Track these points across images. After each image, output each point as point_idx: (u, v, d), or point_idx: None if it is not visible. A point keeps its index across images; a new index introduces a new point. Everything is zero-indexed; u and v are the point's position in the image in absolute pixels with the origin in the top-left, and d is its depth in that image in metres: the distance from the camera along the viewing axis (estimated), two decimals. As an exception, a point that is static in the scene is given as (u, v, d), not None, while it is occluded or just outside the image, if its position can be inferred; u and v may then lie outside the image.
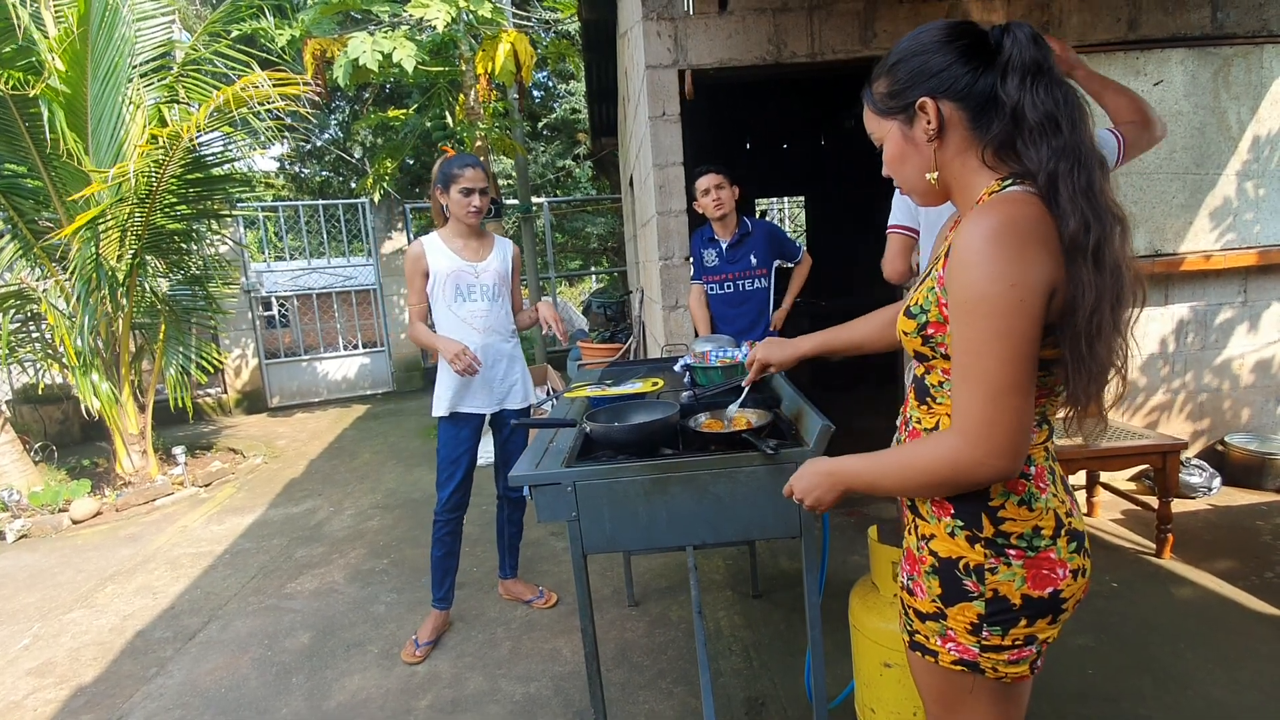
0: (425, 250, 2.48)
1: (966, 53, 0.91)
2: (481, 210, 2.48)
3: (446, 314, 2.51)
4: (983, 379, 0.85)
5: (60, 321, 4.60)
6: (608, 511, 1.43)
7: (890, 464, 0.98)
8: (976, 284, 0.84)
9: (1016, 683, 0.99)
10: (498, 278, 2.55)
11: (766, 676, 2.21)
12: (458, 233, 2.53)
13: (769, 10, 3.11)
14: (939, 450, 0.90)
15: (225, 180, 5.24)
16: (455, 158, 2.46)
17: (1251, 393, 3.48)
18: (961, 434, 0.88)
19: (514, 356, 2.64)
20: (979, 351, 0.85)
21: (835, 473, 1.05)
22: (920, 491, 0.97)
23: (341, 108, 11.60)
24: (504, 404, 2.61)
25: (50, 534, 4.23)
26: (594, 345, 5.89)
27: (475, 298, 2.52)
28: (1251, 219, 3.35)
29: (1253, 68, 3.25)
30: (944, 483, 0.92)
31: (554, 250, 9.23)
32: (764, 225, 3.13)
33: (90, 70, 4.24)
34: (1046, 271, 0.84)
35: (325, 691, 2.37)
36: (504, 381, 2.60)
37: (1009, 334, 0.83)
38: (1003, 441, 0.85)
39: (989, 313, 0.83)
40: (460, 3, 5.41)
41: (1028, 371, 0.85)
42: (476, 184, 2.43)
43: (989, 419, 0.85)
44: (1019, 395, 0.85)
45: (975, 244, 0.84)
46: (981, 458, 0.86)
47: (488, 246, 2.58)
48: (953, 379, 0.90)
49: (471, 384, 2.51)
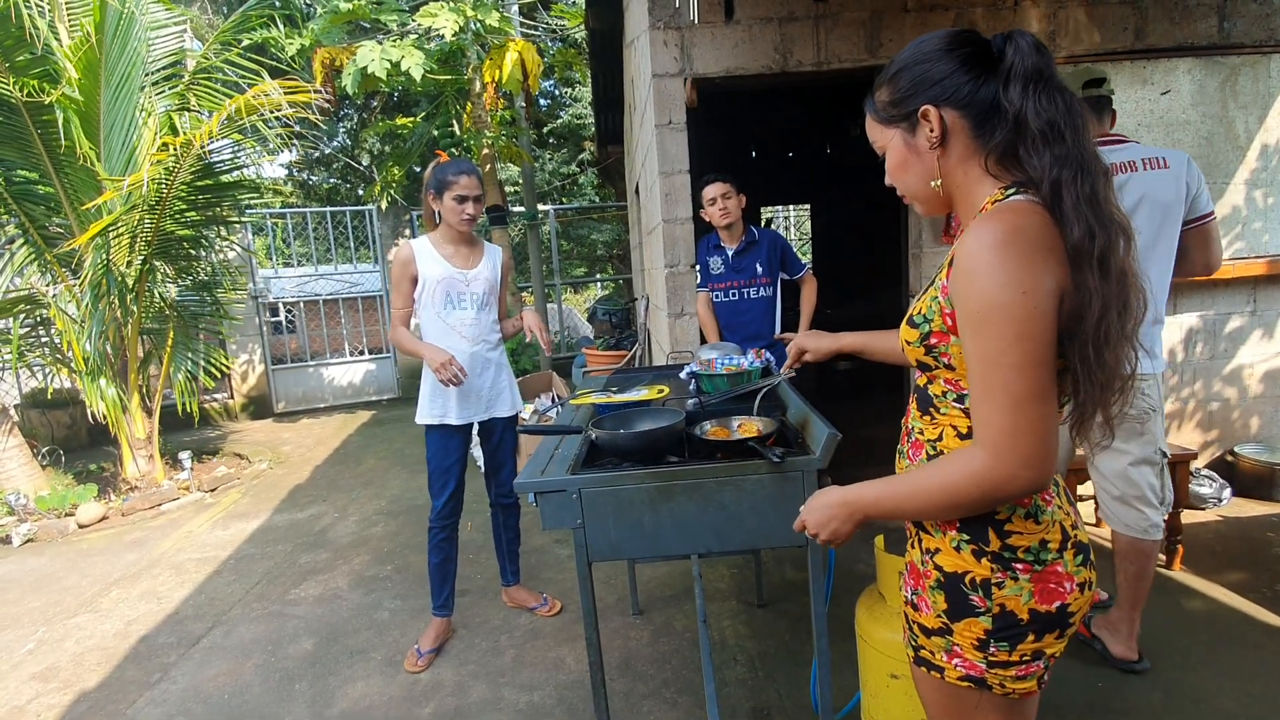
0: (415, 255, 2.45)
1: (968, 61, 0.91)
2: (475, 218, 2.45)
3: (435, 321, 2.48)
4: (1004, 389, 0.83)
5: (69, 326, 4.63)
6: (613, 519, 1.43)
7: (912, 488, 0.93)
8: (987, 292, 0.82)
9: (1024, 698, 0.97)
10: (487, 286, 2.53)
11: (772, 687, 2.20)
12: (449, 239, 2.50)
13: (775, 19, 3.12)
14: (965, 468, 0.87)
15: (234, 187, 5.27)
16: (451, 163, 2.43)
17: (1261, 403, 3.46)
18: (988, 448, 0.85)
19: (501, 364, 2.63)
20: (996, 362, 0.83)
21: (850, 502, 1.01)
22: (949, 513, 0.94)
23: (350, 116, 11.69)
24: (492, 412, 2.60)
25: (56, 538, 4.24)
26: (599, 352, 5.90)
27: (465, 305, 2.49)
28: (1260, 228, 3.33)
29: (1260, 77, 3.24)
30: (973, 501, 0.88)
31: (559, 257, 9.26)
32: (770, 235, 3.14)
33: (104, 78, 4.29)
34: (1056, 278, 0.83)
35: (328, 699, 2.36)
36: (492, 389, 2.58)
37: (1025, 341, 0.82)
38: (1031, 451, 0.83)
39: (1003, 321, 0.82)
40: (468, 12, 5.46)
41: (1048, 378, 0.83)
42: (472, 191, 2.40)
43: (1014, 430, 0.83)
44: (1042, 403, 0.83)
45: (983, 252, 0.83)
46: (1012, 470, 0.83)
47: (478, 254, 2.55)
48: (971, 392, 0.88)
49: (459, 393, 2.48)
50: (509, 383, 2.65)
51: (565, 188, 12.88)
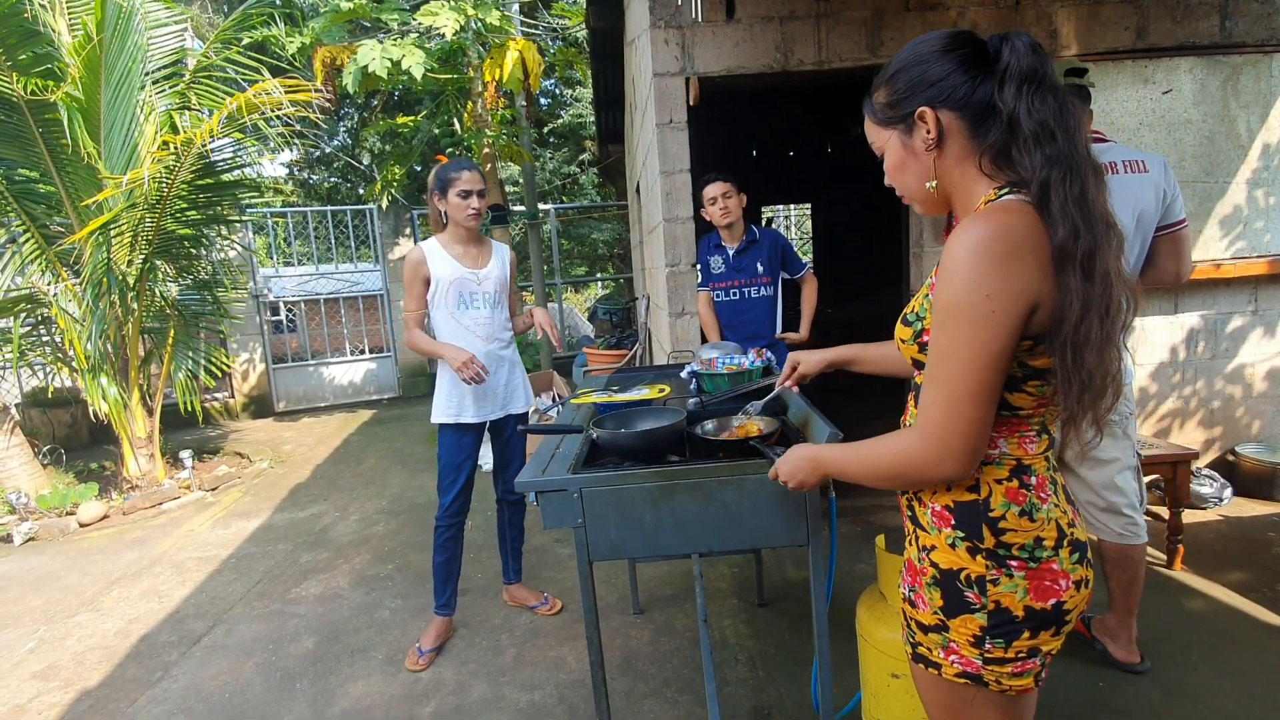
0: (426, 256, 2.47)
1: (965, 62, 0.91)
2: (480, 212, 2.48)
3: (449, 321, 2.51)
4: (946, 383, 0.88)
5: (70, 325, 4.63)
6: (614, 518, 1.43)
7: (859, 454, 1.02)
8: (954, 290, 0.85)
9: (1021, 695, 0.98)
10: (498, 284, 2.56)
11: (772, 686, 2.20)
12: (457, 239, 2.52)
13: (776, 18, 3.11)
14: (898, 446, 0.94)
15: (235, 186, 5.28)
16: (451, 162, 2.47)
17: (1263, 402, 3.45)
18: (919, 433, 0.91)
19: (514, 362, 2.66)
20: (947, 356, 0.87)
21: (816, 458, 1.12)
22: (880, 483, 1.00)
23: (350, 114, 11.68)
24: (507, 409, 2.63)
25: (57, 537, 4.25)
26: (600, 351, 5.90)
27: (478, 305, 2.53)
28: (1262, 227, 3.33)
29: (1261, 76, 3.24)
30: (898, 476, 0.96)
31: (560, 256, 9.26)
32: (771, 234, 3.13)
33: (105, 77, 4.29)
34: (1031, 283, 0.84)
35: (329, 698, 2.36)
36: (507, 386, 2.61)
37: (975, 343, 0.84)
38: (956, 445, 0.88)
39: (961, 319, 0.85)
40: (469, 11, 5.46)
41: (991, 381, 0.86)
42: (474, 186, 2.43)
43: (945, 423, 0.88)
44: (979, 403, 0.87)
45: (961, 252, 0.85)
46: (934, 458, 0.89)
47: (487, 253, 2.59)
48: (924, 377, 0.92)
49: (475, 391, 2.51)
50: (522, 379, 2.68)
51: (566, 187, 12.88)
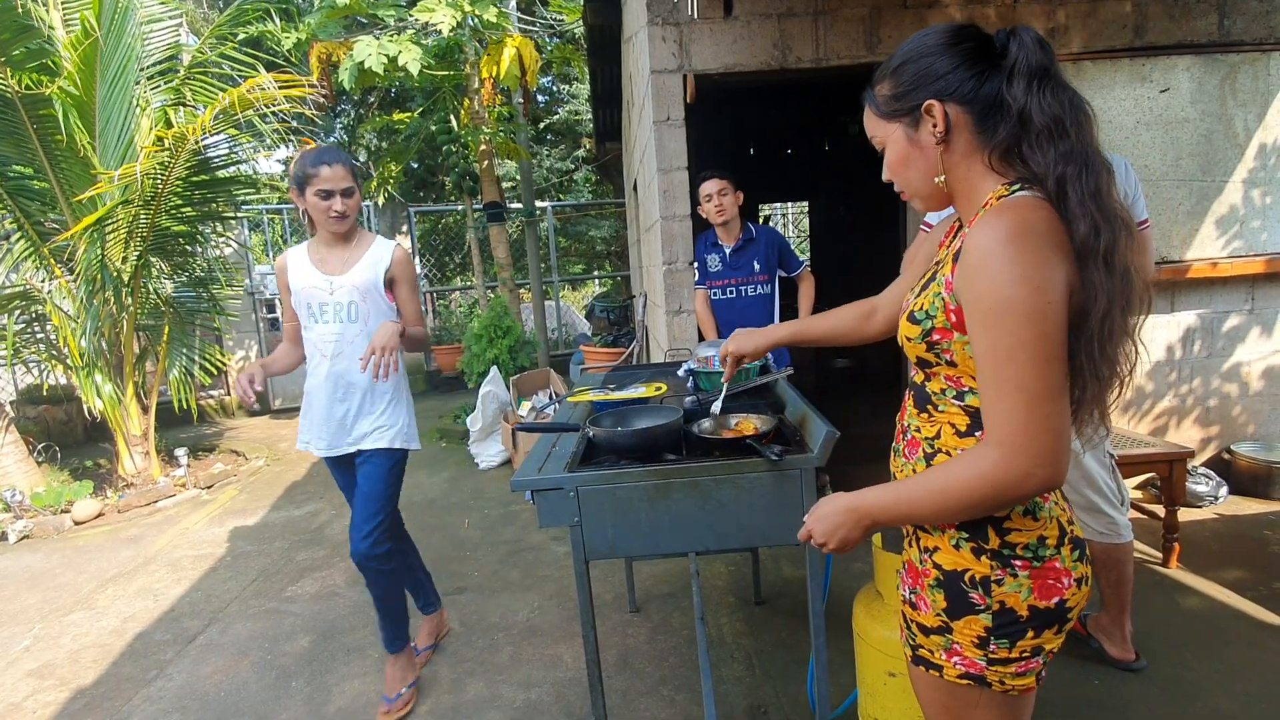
0: (288, 263, 2.16)
1: (972, 56, 0.91)
2: (347, 214, 2.07)
3: (306, 336, 2.17)
4: (1018, 387, 0.82)
5: (65, 322, 4.61)
6: (610, 517, 1.42)
7: (924, 490, 0.91)
8: (1000, 288, 0.82)
9: (1022, 695, 0.98)
10: (357, 294, 2.10)
11: (769, 685, 2.20)
12: (323, 241, 2.15)
13: (774, 16, 3.10)
14: (977, 468, 0.85)
15: (230, 182, 5.24)
16: (313, 152, 2.04)
17: (1259, 401, 3.46)
18: (1002, 446, 0.83)
19: (377, 391, 2.14)
20: (1009, 358, 0.82)
21: (858, 508, 0.97)
22: (962, 515, 0.91)
23: (347, 111, 11.63)
24: (360, 444, 2.14)
25: (52, 535, 4.23)
26: (597, 349, 5.90)
27: (326, 319, 2.11)
28: (1259, 226, 3.33)
29: (1259, 75, 3.24)
30: (986, 501, 0.86)
31: (557, 254, 9.24)
32: (768, 232, 3.13)
33: (99, 72, 4.26)
34: (1065, 274, 0.83)
35: (325, 696, 2.36)
36: (357, 417, 2.13)
37: (1040, 339, 0.81)
38: (1046, 448, 0.82)
39: (1017, 316, 0.81)
40: (465, 7, 5.43)
41: (1062, 374, 0.83)
42: (338, 184, 2.02)
43: (1028, 428, 0.82)
44: (1056, 399, 0.82)
45: (994, 247, 0.83)
46: (1027, 469, 0.82)
47: (356, 256, 2.14)
48: (981, 390, 0.87)
49: (319, 417, 2.14)
50: (390, 411, 2.16)
51: (563, 184, 12.85)
